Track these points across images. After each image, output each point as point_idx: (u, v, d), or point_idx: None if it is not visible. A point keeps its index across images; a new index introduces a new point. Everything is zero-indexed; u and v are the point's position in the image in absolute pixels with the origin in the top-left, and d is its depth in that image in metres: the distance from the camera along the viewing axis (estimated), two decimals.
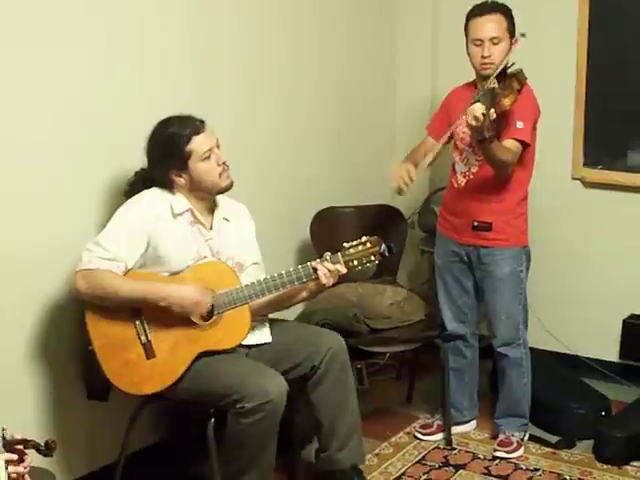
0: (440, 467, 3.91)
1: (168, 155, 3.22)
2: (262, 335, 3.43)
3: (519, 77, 3.64)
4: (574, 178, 4.65)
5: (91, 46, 3.38)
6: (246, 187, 3.40)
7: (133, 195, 3.31)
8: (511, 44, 3.70)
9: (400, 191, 3.78)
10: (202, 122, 3.26)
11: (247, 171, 3.43)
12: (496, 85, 3.56)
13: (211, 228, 3.35)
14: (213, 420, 3.21)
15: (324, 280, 3.25)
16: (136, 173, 3.38)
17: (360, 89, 4.82)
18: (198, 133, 3.22)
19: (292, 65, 4.35)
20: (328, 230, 4.41)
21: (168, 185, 3.28)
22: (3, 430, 2.37)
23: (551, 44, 4.01)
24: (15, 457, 2.36)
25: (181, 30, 3.74)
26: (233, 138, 3.35)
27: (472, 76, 3.88)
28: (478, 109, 3.42)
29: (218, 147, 3.27)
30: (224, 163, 3.26)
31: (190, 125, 3.22)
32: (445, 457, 3.99)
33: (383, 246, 3.30)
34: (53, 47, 3.24)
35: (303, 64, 4.41)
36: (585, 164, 4.62)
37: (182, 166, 3.22)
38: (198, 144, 3.22)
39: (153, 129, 3.28)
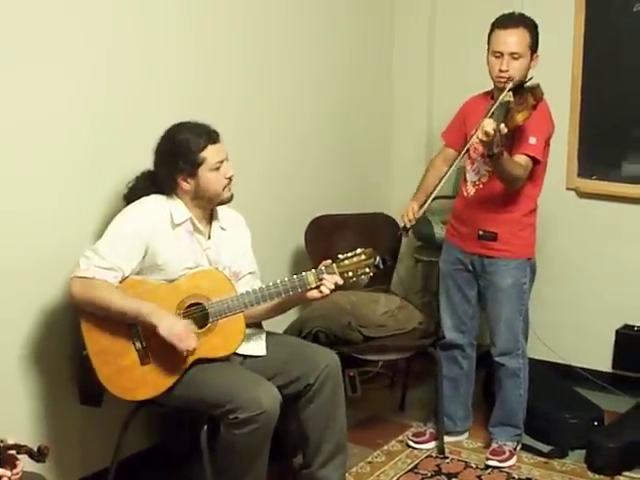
0: (432, 476, 3.91)
1: (180, 158, 3.21)
2: (258, 347, 3.43)
3: (535, 92, 3.62)
4: (568, 188, 4.67)
5: (94, 53, 3.38)
6: (242, 194, 3.40)
7: (133, 198, 3.31)
8: (531, 60, 3.70)
9: (405, 228, 3.80)
10: (217, 133, 3.26)
11: (243, 178, 3.43)
12: (511, 99, 3.53)
13: (209, 237, 3.36)
14: (206, 427, 3.22)
15: (326, 290, 3.26)
16: (137, 177, 3.38)
17: (357, 98, 4.83)
18: (214, 143, 3.23)
19: (291, 74, 4.36)
20: (323, 237, 4.41)
21: (171, 189, 3.28)
22: (1, 442, 2.37)
23: (546, 55, 4.02)
24: (9, 474, 2.36)
25: (183, 34, 3.74)
26: (230, 146, 3.34)
27: (469, 89, 3.90)
28: (489, 125, 3.40)
29: (227, 160, 3.27)
30: (230, 177, 3.27)
31: (207, 133, 3.23)
32: (437, 466, 3.99)
33: (377, 258, 3.30)
34: (56, 54, 3.25)
35: (302, 73, 4.42)
36: (579, 175, 4.63)
37: (191, 171, 3.22)
38: (212, 153, 3.22)
39: (168, 130, 3.27)
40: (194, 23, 3.80)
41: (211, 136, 3.24)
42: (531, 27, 3.71)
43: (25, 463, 2.45)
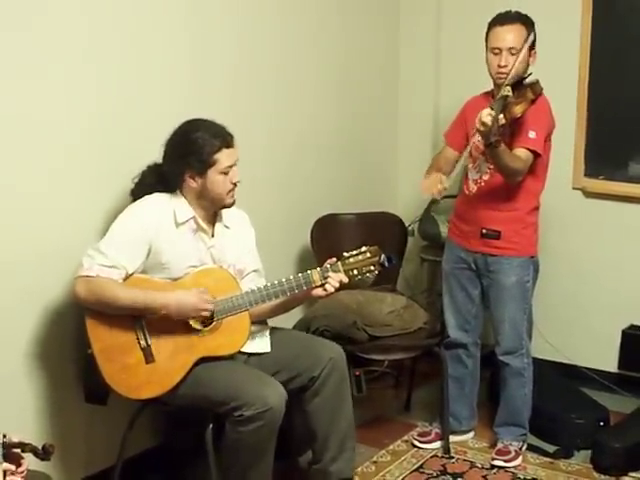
0: (438, 475, 3.90)
1: (192, 155, 3.19)
2: (262, 344, 3.43)
3: (534, 87, 3.65)
4: (575, 188, 4.66)
5: (99, 50, 3.39)
6: (247, 193, 3.40)
7: (139, 194, 3.31)
8: (529, 56, 3.71)
9: (435, 200, 3.79)
10: (232, 137, 3.25)
11: (248, 177, 3.42)
12: (510, 93, 3.56)
13: (213, 235, 3.35)
14: (211, 425, 3.22)
15: (330, 288, 3.26)
16: (143, 172, 3.37)
17: (363, 96, 4.82)
18: (228, 146, 3.22)
19: (294, 72, 4.34)
20: (328, 237, 4.41)
21: (176, 185, 3.28)
22: (4, 437, 2.37)
23: (553, 54, 4.02)
24: (13, 467, 2.36)
25: (181, 31, 3.73)
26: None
27: (475, 86, 3.89)
28: (486, 115, 3.44)
29: (236, 165, 3.26)
30: (236, 183, 3.26)
31: (223, 136, 3.22)
32: (443, 465, 3.99)
33: (383, 256, 3.31)
34: (62, 51, 3.26)
35: (306, 70, 4.41)
36: (586, 174, 4.62)
37: (201, 171, 3.21)
38: (224, 157, 3.21)
39: (182, 125, 3.26)
40: (191, 19, 3.77)
41: (226, 139, 3.23)
42: (528, 23, 3.74)
43: (30, 461, 2.44)
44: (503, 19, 3.74)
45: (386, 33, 4.96)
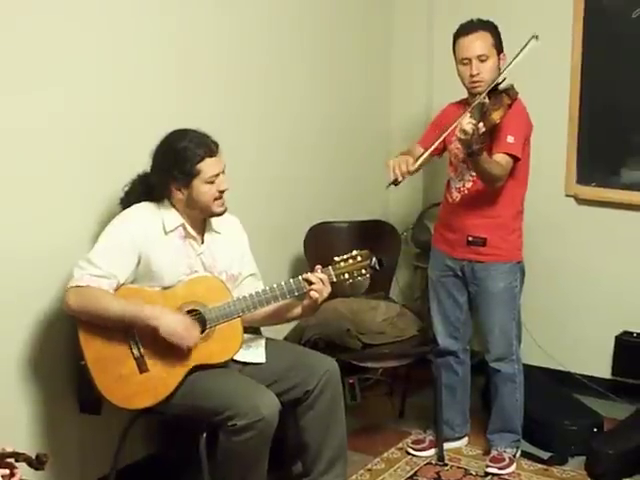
0: None
1: (175, 167, 3.19)
2: (257, 354, 3.43)
3: (509, 92, 3.67)
4: (567, 195, 4.66)
5: (94, 58, 3.39)
6: (239, 200, 3.40)
7: (129, 203, 3.31)
8: (499, 60, 3.73)
9: (395, 182, 3.72)
10: (217, 145, 3.24)
11: (240, 184, 3.42)
12: (487, 100, 3.60)
13: (203, 242, 3.35)
14: (205, 435, 3.21)
15: (315, 294, 3.25)
16: (133, 181, 3.37)
17: (355, 104, 4.83)
18: (212, 156, 3.21)
19: (285, 75, 4.34)
20: (322, 245, 4.41)
21: (163, 195, 3.28)
22: None
23: (545, 62, 4.02)
24: (7, 472, 2.36)
25: (171, 34, 3.72)
26: (225, 151, 3.33)
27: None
28: (467, 122, 3.45)
29: (223, 173, 3.26)
30: (223, 191, 3.25)
31: (206, 145, 3.21)
32: (437, 473, 3.99)
33: (373, 259, 3.32)
34: (56, 58, 3.26)
35: (295, 74, 4.41)
36: (578, 181, 4.63)
37: (185, 182, 3.21)
38: (208, 166, 3.20)
39: (168, 135, 3.25)
40: (179, 24, 3.76)
41: (210, 148, 3.21)
42: (491, 28, 3.77)
43: (23, 471, 2.44)
44: (467, 29, 3.76)
45: (378, 36, 4.96)
